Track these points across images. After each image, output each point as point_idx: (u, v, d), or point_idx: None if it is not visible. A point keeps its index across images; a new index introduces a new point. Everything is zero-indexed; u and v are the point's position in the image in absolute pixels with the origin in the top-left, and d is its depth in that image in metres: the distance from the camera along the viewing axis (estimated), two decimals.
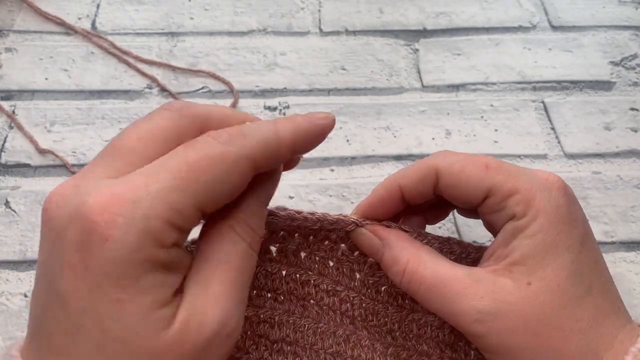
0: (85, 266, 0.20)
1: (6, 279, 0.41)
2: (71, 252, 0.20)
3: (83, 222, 0.20)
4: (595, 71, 0.55)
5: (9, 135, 0.49)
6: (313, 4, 0.60)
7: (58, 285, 0.20)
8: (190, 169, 0.21)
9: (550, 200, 0.26)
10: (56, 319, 0.20)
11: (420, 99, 0.53)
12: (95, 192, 0.20)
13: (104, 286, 0.20)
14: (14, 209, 0.45)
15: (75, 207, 0.20)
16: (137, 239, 0.20)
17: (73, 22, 0.58)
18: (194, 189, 0.21)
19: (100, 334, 0.20)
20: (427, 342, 0.31)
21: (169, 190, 0.20)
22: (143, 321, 0.20)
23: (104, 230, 0.19)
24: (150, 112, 0.23)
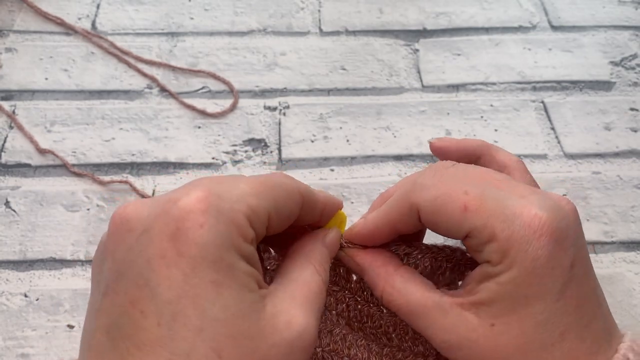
0: (179, 253, 0.20)
1: (6, 279, 0.41)
2: (161, 243, 0.21)
3: (174, 214, 0.21)
4: (595, 71, 0.55)
5: (9, 135, 0.49)
6: (313, 4, 0.60)
7: (147, 277, 0.20)
8: (262, 185, 0.24)
9: (528, 252, 0.25)
10: (145, 312, 0.20)
11: (420, 99, 0.53)
12: (185, 192, 0.22)
13: (200, 270, 0.20)
14: (14, 208, 0.45)
15: (164, 205, 0.21)
16: (227, 227, 0.21)
17: (73, 22, 0.58)
18: (265, 198, 0.23)
19: (200, 316, 0.20)
20: (424, 344, 0.31)
21: (248, 194, 0.23)
22: (240, 303, 0.21)
23: (198, 217, 0.21)
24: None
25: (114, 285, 0.21)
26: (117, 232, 0.22)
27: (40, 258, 0.42)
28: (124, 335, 0.21)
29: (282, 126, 0.51)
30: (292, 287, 0.24)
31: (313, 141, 0.50)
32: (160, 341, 0.20)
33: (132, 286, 0.21)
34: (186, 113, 0.51)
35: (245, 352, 0.21)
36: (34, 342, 0.38)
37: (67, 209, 0.45)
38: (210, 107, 0.52)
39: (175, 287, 0.20)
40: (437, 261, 0.30)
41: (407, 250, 0.30)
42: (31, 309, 0.40)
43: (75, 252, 0.42)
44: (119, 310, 0.21)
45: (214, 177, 0.25)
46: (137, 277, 0.21)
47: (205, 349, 0.20)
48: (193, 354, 0.20)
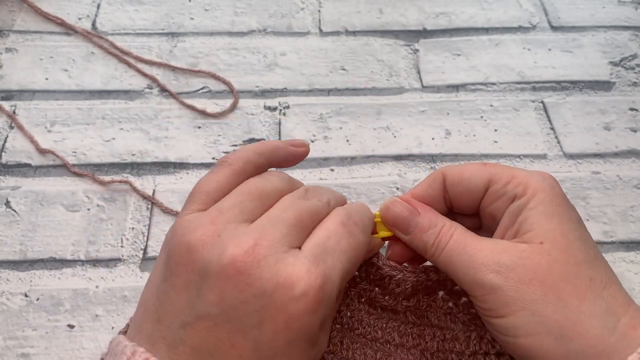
0: (288, 327, 0.25)
1: (7, 279, 0.41)
2: (279, 314, 0.24)
3: (299, 297, 0.24)
4: (594, 71, 0.55)
5: (10, 135, 0.49)
6: (313, 4, 0.61)
7: (256, 334, 0.24)
8: (356, 256, 0.28)
9: (545, 181, 0.29)
10: (244, 356, 0.24)
11: (420, 99, 0.53)
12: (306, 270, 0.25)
13: (300, 342, 0.25)
14: (14, 209, 0.45)
15: (286, 280, 0.25)
16: (330, 312, 0.27)
17: (73, 22, 0.58)
18: (351, 271, 0.28)
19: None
20: (415, 344, 0.34)
21: (345, 275, 0.27)
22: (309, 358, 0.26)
23: (314, 306, 0.25)
24: (266, 175, 0.30)
25: (218, 321, 0.24)
26: (235, 278, 0.24)
27: (41, 258, 0.42)
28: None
29: (282, 126, 0.51)
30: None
31: (313, 141, 0.50)
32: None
33: (237, 333, 0.24)
34: (186, 113, 0.51)
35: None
36: (34, 342, 0.38)
37: (67, 209, 0.45)
38: (210, 107, 0.52)
39: (275, 349, 0.25)
40: (419, 281, 0.33)
41: (391, 272, 0.33)
42: (31, 309, 0.40)
43: (75, 252, 0.43)
44: (216, 343, 0.24)
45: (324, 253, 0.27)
46: (246, 329, 0.24)
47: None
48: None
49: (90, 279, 0.41)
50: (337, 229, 0.27)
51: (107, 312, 0.40)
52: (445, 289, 0.35)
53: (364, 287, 0.34)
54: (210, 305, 0.24)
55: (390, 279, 0.33)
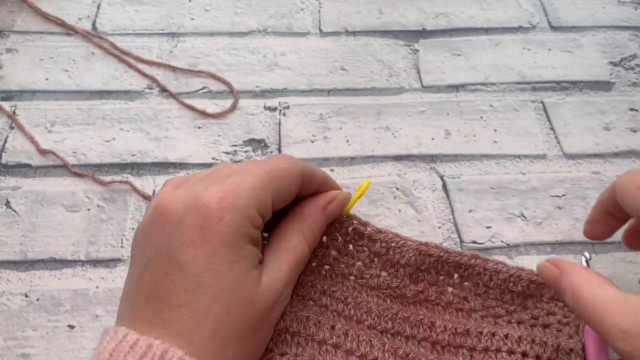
0: (205, 239, 0.27)
1: (7, 279, 0.41)
2: (191, 231, 0.28)
3: (202, 209, 0.28)
4: (594, 71, 0.55)
5: (10, 135, 0.49)
6: (313, 4, 0.61)
7: (178, 256, 0.27)
8: (269, 176, 0.30)
9: None
10: (175, 281, 0.27)
11: (420, 99, 0.53)
12: (209, 191, 0.28)
13: (220, 253, 0.28)
14: (14, 209, 0.45)
15: (193, 201, 0.28)
16: (242, 220, 0.28)
17: (73, 22, 0.58)
18: (271, 189, 0.30)
19: (216, 286, 0.27)
20: (422, 329, 0.35)
21: (257, 188, 0.29)
22: (245, 277, 0.28)
23: (219, 214, 0.28)
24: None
25: (154, 261, 0.28)
26: (159, 220, 0.29)
27: (41, 258, 0.42)
28: (159, 298, 0.27)
29: (282, 126, 0.51)
30: (281, 253, 0.31)
31: (313, 141, 0.50)
32: (186, 303, 0.27)
33: (167, 263, 0.28)
34: (186, 113, 0.51)
35: (246, 312, 0.28)
36: (34, 342, 0.38)
37: (67, 209, 0.45)
38: (210, 107, 0.52)
39: (199, 264, 0.27)
40: (421, 255, 0.35)
41: (394, 240, 0.36)
42: (31, 309, 0.40)
43: (75, 252, 0.43)
44: (156, 280, 0.28)
45: (227, 167, 0.31)
46: (171, 256, 0.28)
47: (219, 308, 0.27)
48: (210, 312, 0.27)
49: (91, 279, 0.41)
50: (247, 162, 0.32)
51: (107, 312, 0.40)
52: (454, 285, 0.36)
53: (367, 270, 0.36)
54: (149, 253, 0.29)
55: (390, 249, 0.35)
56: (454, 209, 0.45)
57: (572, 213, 0.45)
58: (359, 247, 0.36)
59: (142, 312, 0.27)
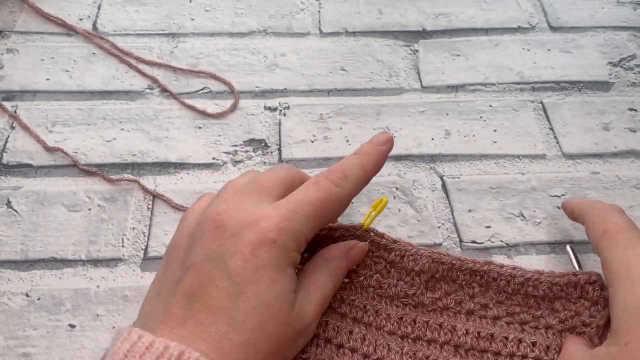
0: (255, 255, 0.29)
1: (8, 279, 0.41)
2: (245, 245, 0.29)
3: (259, 229, 0.30)
4: (593, 72, 0.55)
5: (11, 135, 0.49)
6: (313, 5, 0.61)
7: (228, 264, 0.29)
8: (320, 204, 0.32)
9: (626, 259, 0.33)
10: (220, 287, 0.29)
11: (420, 100, 0.53)
12: (266, 213, 0.31)
13: (266, 270, 0.29)
14: (15, 209, 0.45)
15: (252, 219, 0.30)
16: (291, 244, 0.31)
17: (74, 23, 0.58)
18: (322, 219, 0.33)
19: (256, 299, 0.29)
20: (444, 333, 0.35)
21: (311, 218, 0.32)
22: (283, 298, 0.30)
23: (274, 236, 0.30)
24: (272, 167, 0.37)
25: (202, 265, 0.29)
26: (214, 231, 0.30)
27: (42, 258, 0.43)
28: (199, 300, 0.28)
29: (282, 126, 0.51)
30: (310, 288, 0.33)
31: (313, 141, 0.50)
32: (225, 308, 0.28)
33: (215, 268, 0.29)
34: (187, 113, 0.52)
35: (277, 331, 0.29)
36: (35, 341, 0.39)
37: (68, 209, 0.45)
38: (210, 107, 0.52)
39: (245, 275, 0.29)
40: (434, 263, 0.37)
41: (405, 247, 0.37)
42: (32, 309, 0.40)
43: (76, 252, 0.43)
44: (200, 282, 0.29)
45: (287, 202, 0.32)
46: (221, 263, 0.29)
47: (254, 320, 0.28)
48: (245, 323, 0.28)
49: (91, 279, 0.41)
50: (306, 185, 0.33)
51: (108, 311, 0.40)
52: (474, 294, 0.37)
53: (384, 280, 0.36)
54: (195, 256, 0.30)
55: (404, 257, 0.36)
56: (453, 209, 0.46)
57: None
58: (376, 258, 0.37)
59: (177, 309, 0.28)
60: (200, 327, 0.28)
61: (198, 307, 0.28)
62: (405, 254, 0.36)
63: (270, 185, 0.33)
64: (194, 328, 0.28)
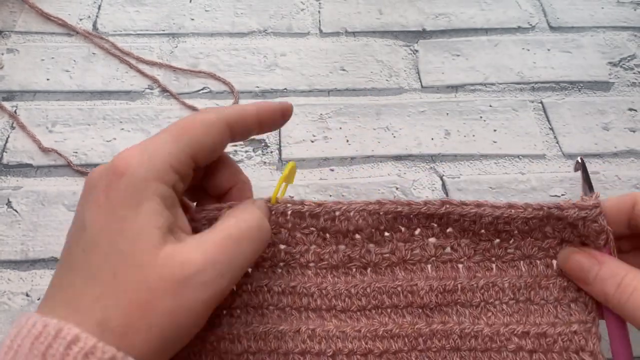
0: (107, 197, 0.26)
1: (8, 279, 0.41)
2: (99, 192, 0.27)
3: (110, 169, 0.27)
4: (593, 72, 0.55)
5: (11, 135, 0.49)
6: (313, 5, 0.61)
7: (84, 218, 0.27)
8: (182, 128, 0.29)
9: None
10: (78, 242, 0.27)
11: (420, 100, 0.53)
12: (122, 153, 0.28)
13: (116, 209, 0.26)
14: (15, 208, 0.45)
15: (108, 165, 0.27)
16: (145, 172, 0.27)
17: (74, 23, 0.58)
18: (185, 141, 0.29)
19: (109, 247, 0.26)
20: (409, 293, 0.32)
21: (167, 142, 0.28)
22: (140, 236, 0.26)
23: (121, 169, 0.27)
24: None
25: (68, 233, 0.28)
26: (83, 190, 0.28)
27: (42, 258, 0.43)
28: (63, 264, 0.27)
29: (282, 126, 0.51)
30: (202, 235, 0.28)
31: (313, 141, 0.50)
32: (81, 264, 0.26)
33: (75, 228, 0.27)
34: (187, 113, 0.52)
35: (136, 278, 0.25)
36: None
37: (68, 209, 0.45)
38: (211, 107, 0.52)
39: (99, 223, 0.26)
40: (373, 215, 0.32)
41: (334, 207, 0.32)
42: (33, 309, 0.40)
43: None
44: (67, 249, 0.27)
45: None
46: (79, 221, 0.27)
47: (107, 272, 0.25)
48: (98, 275, 0.25)
49: None
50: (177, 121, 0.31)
51: None
52: (435, 234, 0.32)
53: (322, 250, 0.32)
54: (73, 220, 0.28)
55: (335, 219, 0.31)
56: None
57: None
58: (305, 229, 0.32)
59: (53, 282, 0.27)
60: (66, 290, 0.26)
61: (64, 272, 0.27)
62: (336, 215, 0.31)
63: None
64: (63, 294, 0.26)
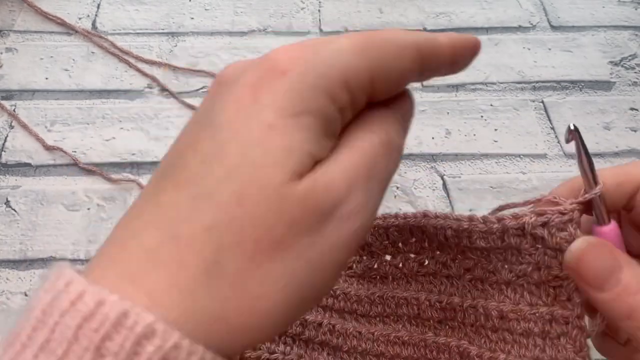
0: (255, 97, 0.19)
1: (6, 278, 0.41)
2: (243, 88, 0.20)
3: (264, 64, 0.20)
4: (594, 71, 0.55)
5: (10, 134, 0.49)
6: (313, 4, 0.61)
7: (215, 120, 0.20)
8: (367, 41, 0.21)
9: None
10: (196, 152, 0.19)
11: (420, 99, 0.53)
12: (282, 48, 0.20)
13: (264, 113, 0.19)
14: (14, 208, 0.45)
15: (258, 59, 0.20)
16: (314, 79, 0.19)
17: (73, 22, 0.58)
18: (369, 57, 0.21)
19: (237, 156, 0.19)
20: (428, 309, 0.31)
21: (348, 51, 0.20)
22: (284, 154, 0.19)
23: (285, 66, 0.19)
24: None
25: (185, 130, 0.21)
26: (211, 87, 0.21)
27: (41, 257, 0.42)
28: (169, 174, 0.20)
29: None
30: (339, 155, 0.20)
31: None
32: (194, 179, 0.19)
33: (199, 128, 0.20)
34: (186, 112, 0.51)
35: (269, 205, 0.18)
36: None
37: (67, 209, 0.45)
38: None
39: (234, 127, 0.19)
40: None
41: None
42: None
43: (75, 252, 0.43)
44: (177, 152, 0.20)
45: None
46: (206, 120, 0.20)
47: (228, 192, 0.18)
48: (215, 195, 0.18)
49: None
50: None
51: None
52: (436, 246, 0.30)
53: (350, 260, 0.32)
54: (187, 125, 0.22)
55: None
56: (454, 208, 0.45)
57: None
58: None
59: (145, 192, 0.20)
60: (158, 211, 0.19)
61: (165, 184, 0.19)
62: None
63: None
64: (150, 216, 0.19)
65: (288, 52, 0.20)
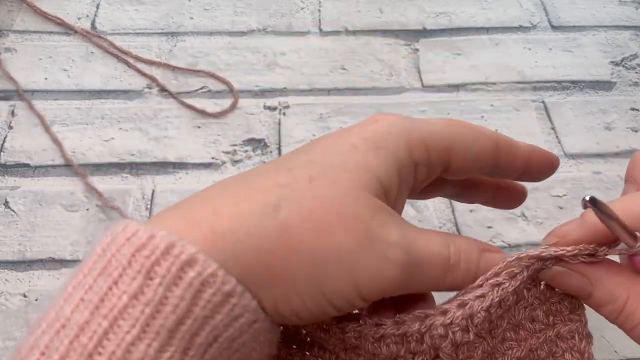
0: (346, 130, 0.24)
1: (5, 279, 0.41)
2: (341, 129, 0.25)
3: (370, 119, 0.25)
4: (595, 71, 0.55)
5: (9, 135, 0.49)
6: (313, 3, 0.60)
7: (311, 143, 0.24)
8: (447, 121, 0.25)
9: None
10: (289, 154, 0.24)
11: (421, 99, 0.53)
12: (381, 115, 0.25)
13: (351, 137, 0.23)
14: (13, 209, 0.45)
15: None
16: (399, 130, 0.24)
17: (73, 22, 0.57)
18: (451, 129, 0.25)
19: (319, 157, 0.23)
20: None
21: (436, 120, 0.25)
22: (355, 168, 0.22)
23: (379, 117, 0.24)
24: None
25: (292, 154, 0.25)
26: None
27: (40, 258, 0.42)
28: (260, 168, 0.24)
29: (282, 126, 0.50)
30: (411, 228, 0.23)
31: None
32: (281, 160, 0.24)
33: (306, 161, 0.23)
34: (186, 113, 0.51)
35: (332, 194, 0.22)
36: None
37: (66, 209, 0.45)
38: (210, 106, 0.51)
39: (324, 144, 0.24)
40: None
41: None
42: (30, 309, 0.40)
43: (74, 252, 0.42)
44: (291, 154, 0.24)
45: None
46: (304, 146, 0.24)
47: (303, 172, 0.22)
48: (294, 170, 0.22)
49: None
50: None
51: None
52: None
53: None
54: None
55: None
56: (454, 209, 0.45)
57: (573, 213, 0.45)
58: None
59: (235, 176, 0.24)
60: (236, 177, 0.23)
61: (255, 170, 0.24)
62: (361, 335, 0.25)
63: None
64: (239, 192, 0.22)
65: (385, 113, 0.25)
